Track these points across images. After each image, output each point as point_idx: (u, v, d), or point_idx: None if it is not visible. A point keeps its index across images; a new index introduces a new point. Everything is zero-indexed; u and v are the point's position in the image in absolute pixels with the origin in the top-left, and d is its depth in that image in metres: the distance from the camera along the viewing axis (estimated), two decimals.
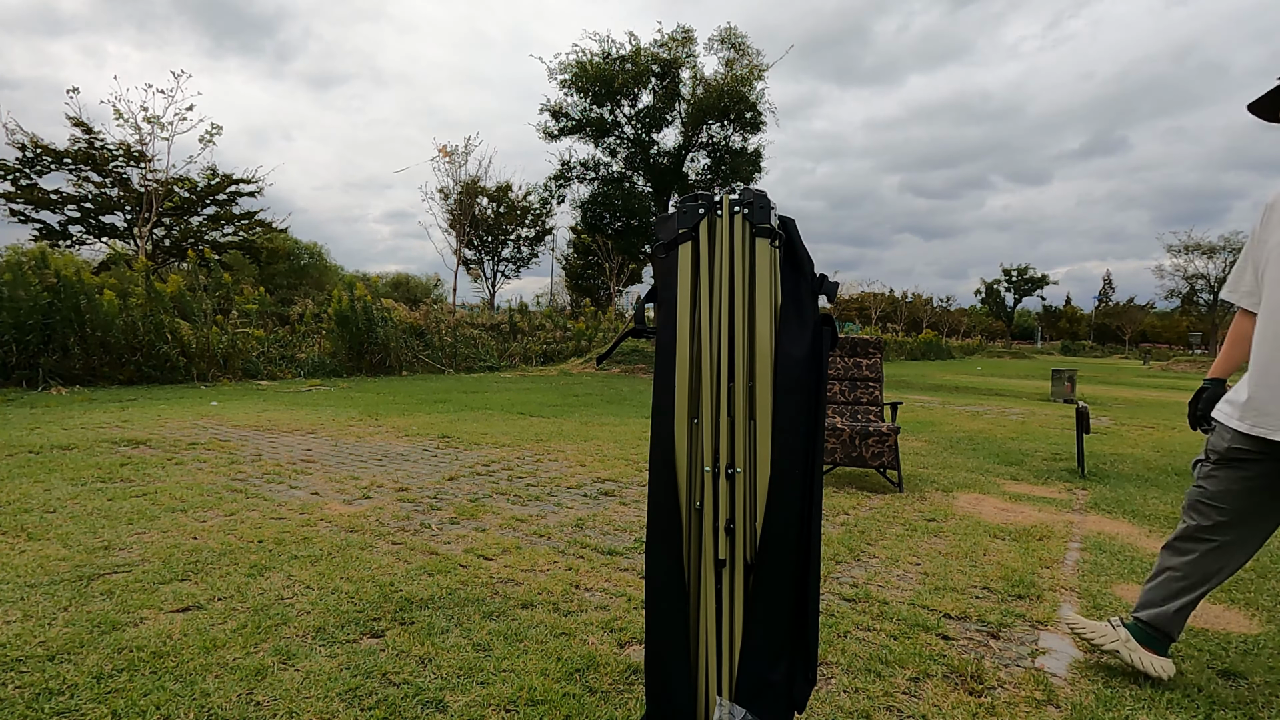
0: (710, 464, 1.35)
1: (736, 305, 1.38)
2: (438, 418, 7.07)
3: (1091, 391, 14.18)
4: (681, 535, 1.36)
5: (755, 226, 1.38)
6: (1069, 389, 11.83)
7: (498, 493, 3.98)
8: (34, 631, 2.04)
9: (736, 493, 1.35)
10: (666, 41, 21.65)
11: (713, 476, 1.35)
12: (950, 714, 1.80)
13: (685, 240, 1.41)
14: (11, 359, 8.65)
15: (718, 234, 1.41)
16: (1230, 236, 49.02)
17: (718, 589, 1.35)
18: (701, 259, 1.40)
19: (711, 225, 1.41)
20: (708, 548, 1.35)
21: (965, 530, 3.47)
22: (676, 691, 1.37)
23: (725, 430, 1.36)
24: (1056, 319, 77.94)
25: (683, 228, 1.41)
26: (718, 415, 1.37)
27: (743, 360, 1.37)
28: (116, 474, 4.05)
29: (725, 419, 1.36)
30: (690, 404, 1.39)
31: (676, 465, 1.37)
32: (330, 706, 1.72)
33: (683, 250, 1.41)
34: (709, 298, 1.39)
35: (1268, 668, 2.09)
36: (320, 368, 12.11)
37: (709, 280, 1.40)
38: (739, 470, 1.35)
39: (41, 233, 18.48)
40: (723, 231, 1.40)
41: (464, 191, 23.65)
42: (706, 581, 1.36)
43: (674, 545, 1.37)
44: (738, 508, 1.35)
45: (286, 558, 2.74)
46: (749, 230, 1.39)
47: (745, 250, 1.39)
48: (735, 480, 1.35)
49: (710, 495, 1.35)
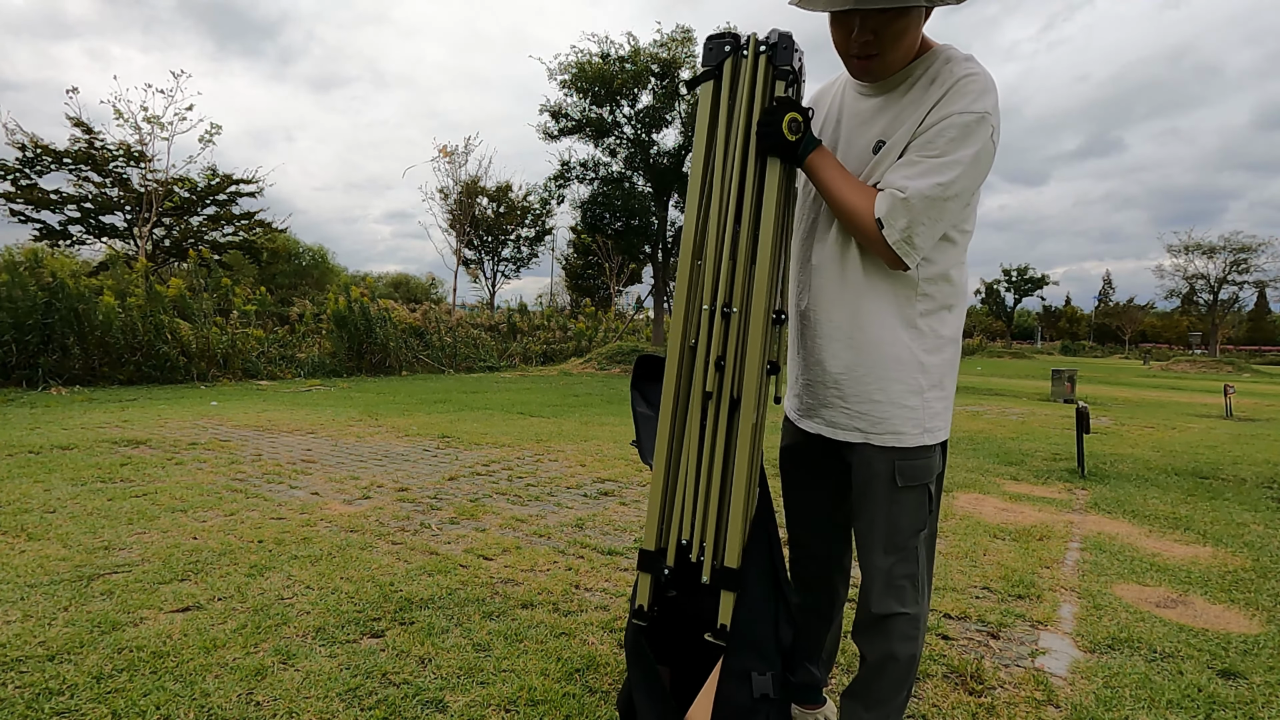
0: (708, 302, 1.36)
1: (751, 147, 1.35)
2: (438, 418, 7.07)
3: (1091, 391, 14.18)
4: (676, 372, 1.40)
5: (776, 68, 1.33)
6: (1069, 389, 11.82)
7: (498, 493, 3.98)
8: (34, 631, 2.04)
9: (731, 332, 1.36)
10: (666, 42, 21.65)
11: (709, 315, 1.36)
12: (950, 714, 1.80)
13: (708, 79, 1.39)
14: (11, 359, 8.65)
15: (741, 74, 1.38)
16: (1230, 236, 49.11)
17: (702, 421, 1.37)
18: (722, 98, 1.39)
19: (736, 65, 1.39)
20: (697, 383, 1.37)
21: (965, 530, 3.47)
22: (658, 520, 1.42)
23: (725, 271, 1.36)
24: (1056, 319, 77.95)
25: (707, 65, 1.40)
26: (719, 255, 1.36)
27: (750, 203, 1.35)
28: (116, 474, 4.05)
29: (727, 260, 1.36)
30: (696, 243, 1.40)
31: (675, 303, 1.40)
32: (330, 706, 1.72)
33: (704, 89, 1.39)
34: (724, 138, 1.38)
35: (1268, 668, 2.09)
36: (320, 368, 12.11)
37: (727, 120, 1.38)
38: (735, 310, 1.35)
39: (41, 233, 18.48)
40: (745, 72, 1.37)
41: (464, 191, 23.66)
42: (693, 415, 1.38)
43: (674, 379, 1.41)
44: (730, 346, 1.36)
45: (286, 558, 2.74)
46: (770, 72, 1.34)
47: (765, 91, 1.35)
48: (730, 320, 1.35)
49: (705, 333, 1.37)
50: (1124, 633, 2.30)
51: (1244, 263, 48.34)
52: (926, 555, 1.46)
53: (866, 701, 1.46)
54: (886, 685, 1.43)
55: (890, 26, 1.26)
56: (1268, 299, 62.12)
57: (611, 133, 22.79)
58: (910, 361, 1.37)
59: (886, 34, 1.27)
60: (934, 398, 1.39)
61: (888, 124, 1.34)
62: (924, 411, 1.38)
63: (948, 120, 1.24)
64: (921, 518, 1.41)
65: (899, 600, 1.40)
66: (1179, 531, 3.58)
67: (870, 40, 1.28)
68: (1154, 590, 2.74)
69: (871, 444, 1.39)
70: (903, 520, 1.40)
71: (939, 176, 1.23)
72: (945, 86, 1.27)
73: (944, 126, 1.24)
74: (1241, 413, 10.59)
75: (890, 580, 1.40)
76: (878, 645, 1.43)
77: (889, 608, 1.40)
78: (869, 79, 1.38)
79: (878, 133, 1.35)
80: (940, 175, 1.23)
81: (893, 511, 1.40)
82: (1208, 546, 3.35)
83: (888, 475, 1.39)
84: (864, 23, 1.27)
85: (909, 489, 1.39)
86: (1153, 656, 2.14)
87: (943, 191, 1.23)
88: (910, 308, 1.37)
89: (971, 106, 1.23)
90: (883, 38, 1.27)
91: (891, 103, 1.35)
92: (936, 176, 1.23)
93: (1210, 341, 50.97)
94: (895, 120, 1.33)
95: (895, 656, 1.41)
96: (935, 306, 1.38)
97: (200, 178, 19.56)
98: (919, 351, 1.37)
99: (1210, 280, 50.52)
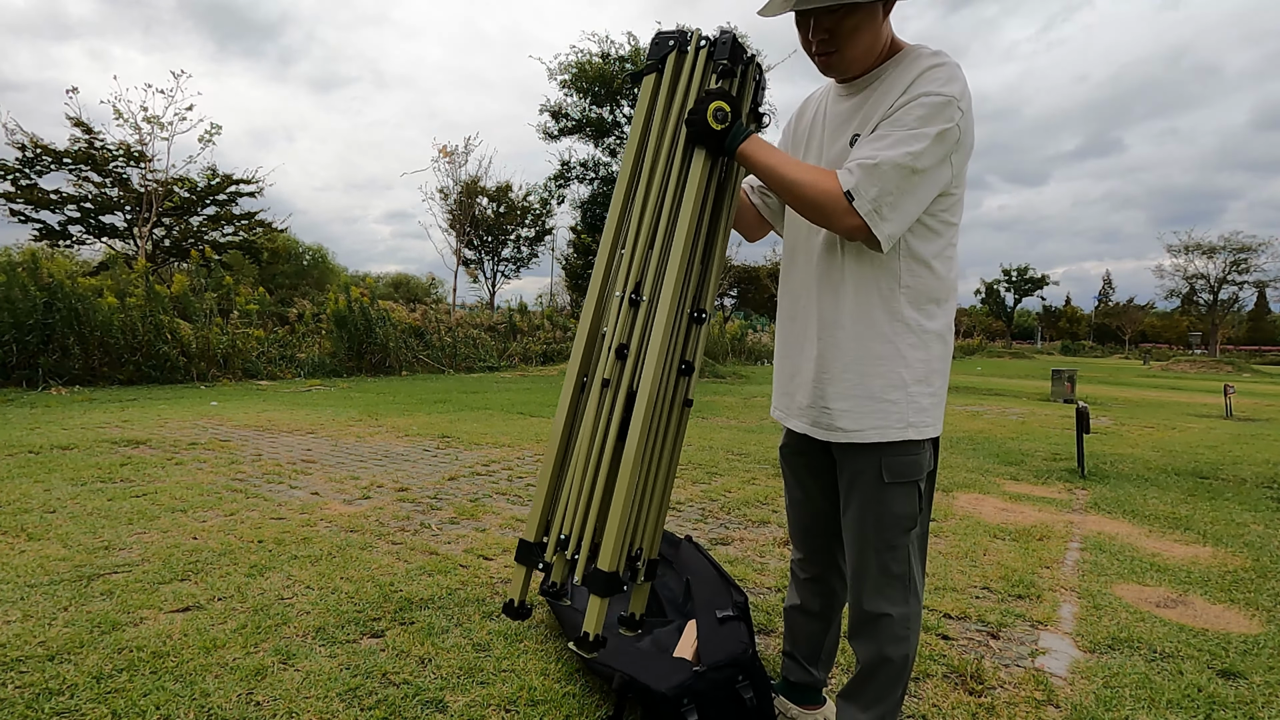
0: (620, 289, 1.37)
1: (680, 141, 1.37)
2: (438, 418, 7.07)
3: (1091, 391, 14.18)
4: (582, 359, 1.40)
5: (715, 63, 1.37)
6: (1069, 389, 11.82)
7: (498, 493, 3.98)
8: (34, 631, 2.04)
9: (637, 321, 1.35)
10: None
11: (618, 301, 1.36)
12: (950, 714, 1.80)
13: (650, 72, 1.43)
14: (11, 359, 8.65)
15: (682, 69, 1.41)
16: (1230, 236, 49.01)
17: (597, 411, 1.35)
18: (661, 91, 1.41)
19: (679, 60, 1.42)
20: (598, 370, 1.37)
21: (965, 530, 3.47)
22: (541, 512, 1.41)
23: (639, 259, 1.37)
24: (1056, 319, 77.93)
25: (651, 59, 1.43)
26: (636, 243, 1.37)
27: (672, 196, 1.36)
28: (116, 474, 4.05)
29: (642, 249, 1.37)
30: (617, 231, 1.42)
31: (590, 286, 1.40)
32: (330, 706, 1.72)
33: (646, 81, 1.43)
34: (658, 130, 1.40)
35: (1268, 668, 2.09)
36: (320, 368, 12.10)
37: (663, 112, 1.40)
38: (644, 299, 1.35)
39: (41, 233, 18.48)
40: (686, 68, 1.41)
41: (464, 191, 23.65)
42: (590, 403, 1.37)
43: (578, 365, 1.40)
44: (634, 335, 1.35)
45: (286, 558, 2.74)
46: (709, 66, 1.38)
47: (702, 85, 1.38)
48: (639, 308, 1.36)
49: (613, 319, 1.37)
50: (1124, 633, 2.30)
51: (1244, 263, 48.30)
52: (918, 554, 1.45)
53: (861, 702, 1.46)
54: (880, 685, 1.43)
55: (842, 24, 1.30)
56: (1268, 299, 62.14)
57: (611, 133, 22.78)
58: (891, 356, 1.36)
59: (840, 31, 1.31)
60: (919, 393, 1.37)
61: (861, 120, 1.36)
62: (908, 406, 1.37)
63: (915, 100, 1.26)
64: (911, 515, 1.40)
65: (889, 600, 1.40)
66: (1179, 531, 3.58)
67: (826, 38, 1.33)
68: (1154, 590, 2.74)
69: (854, 441, 1.39)
70: (890, 517, 1.39)
71: (909, 146, 1.23)
72: (912, 75, 1.30)
73: (912, 105, 1.26)
74: (1241, 413, 10.59)
75: (880, 579, 1.40)
76: (870, 646, 1.43)
77: (878, 607, 1.40)
78: (835, 75, 1.41)
79: (853, 130, 1.37)
80: (910, 145, 1.23)
81: (880, 508, 1.39)
82: (1208, 546, 3.35)
83: (874, 471, 1.38)
84: (817, 22, 1.31)
85: (896, 485, 1.38)
86: (1153, 656, 2.14)
87: (913, 161, 1.23)
88: (893, 301, 1.36)
89: (939, 89, 1.25)
90: (837, 35, 1.32)
91: (865, 101, 1.37)
92: (906, 146, 1.23)
93: (1210, 341, 50.95)
94: (868, 116, 1.35)
95: (888, 657, 1.41)
96: (919, 299, 1.37)
97: (200, 178, 19.55)
98: (902, 346, 1.36)
99: (1210, 280, 50.47)
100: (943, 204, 1.34)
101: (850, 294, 1.37)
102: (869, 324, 1.37)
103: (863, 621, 1.44)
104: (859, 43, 1.32)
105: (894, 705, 1.46)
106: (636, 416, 1.29)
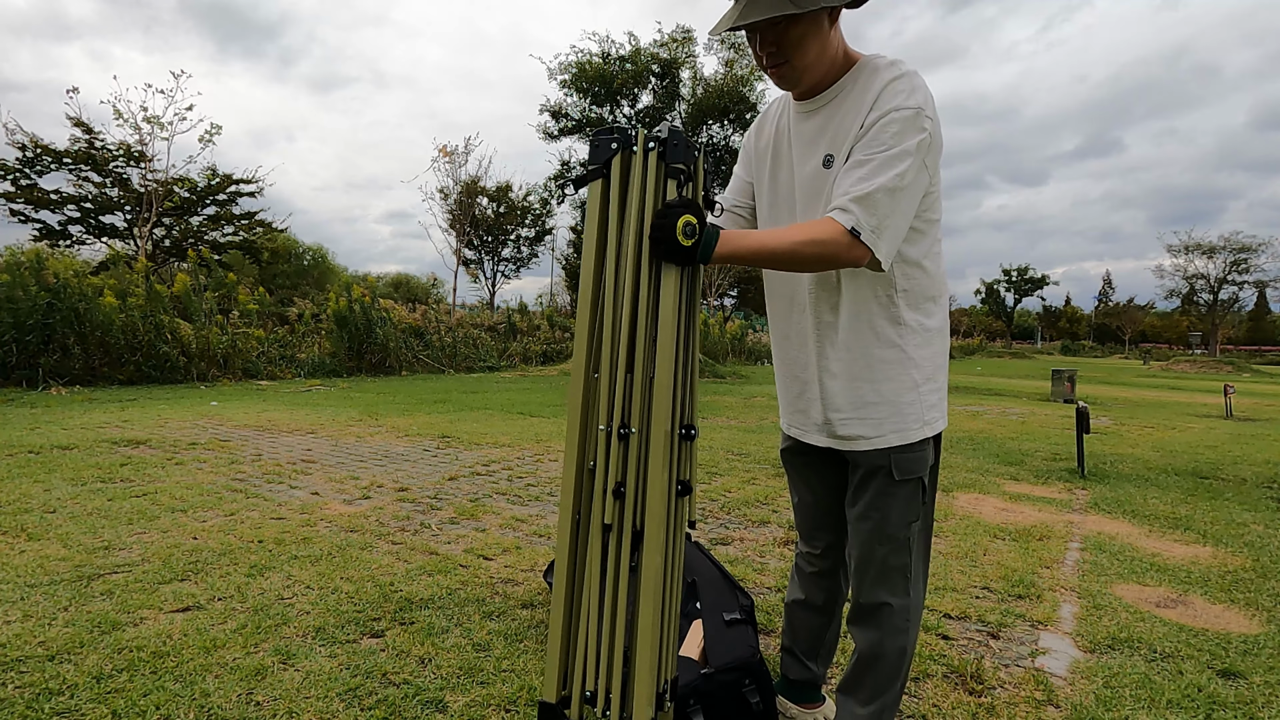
0: (605, 422, 1.26)
1: (645, 252, 1.26)
2: (438, 418, 7.07)
3: (1091, 391, 14.18)
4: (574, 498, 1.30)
5: (668, 166, 1.26)
6: (1069, 389, 11.82)
7: (498, 493, 3.98)
8: (34, 631, 2.04)
9: (630, 455, 1.25)
10: (666, 42, 21.66)
11: (605, 435, 1.26)
12: (950, 714, 1.80)
13: (595, 177, 1.30)
14: (11, 359, 8.65)
15: (631, 173, 1.28)
16: (1230, 236, 49.06)
17: (603, 557, 1.26)
18: (612, 199, 1.29)
19: (626, 163, 1.29)
20: (596, 513, 1.27)
21: (965, 530, 3.47)
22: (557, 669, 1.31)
23: (622, 387, 1.25)
24: (1056, 319, 77.95)
25: (593, 164, 1.30)
26: (614, 370, 1.26)
27: (646, 313, 1.25)
28: (116, 474, 4.05)
29: (623, 374, 1.25)
30: (590, 356, 1.30)
31: (569, 419, 1.29)
32: (330, 706, 1.72)
33: (591, 189, 1.31)
34: (616, 242, 1.29)
35: (1268, 668, 2.09)
36: (320, 368, 12.11)
37: (618, 224, 1.29)
38: (634, 431, 1.25)
39: (41, 233, 18.47)
40: (635, 170, 1.28)
41: (464, 191, 23.67)
42: (593, 549, 1.27)
43: (571, 508, 1.30)
44: (630, 471, 1.25)
45: (286, 558, 2.74)
46: (662, 170, 1.26)
47: (658, 192, 1.27)
48: (629, 441, 1.25)
49: (602, 456, 1.26)
50: (1124, 633, 2.30)
51: (1244, 263, 48.34)
52: (920, 547, 1.47)
53: (860, 696, 1.47)
54: (878, 679, 1.45)
55: (788, 34, 1.31)
56: (1268, 299, 62.12)
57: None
58: (899, 360, 1.39)
59: (786, 42, 1.32)
60: (928, 390, 1.41)
61: (831, 139, 1.37)
62: (921, 405, 1.40)
63: (886, 117, 1.27)
64: (915, 509, 1.43)
65: (890, 591, 1.43)
66: (1179, 531, 3.58)
67: (774, 50, 1.34)
68: (1154, 590, 2.74)
69: (876, 448, 1.41)
70: (895, 512, 1.42)
71: (894, 168, 1.25)
72: (876, 91, 1.30)
73: (885, 123, 1.27)
74: (1241, 413, 10.59)
75: (881, 571, 1.43)
76: (869, 634, 1.45)
77: (879, 597, 1.43)
78: (789, 87, 1.42)
79: (824, 148, 1.38)
80: (894, 166, 1.25)
81: (886, 503, 1.42)
82: (1208, 546, 3.35)
83: (885, 470, 1.40)
84: (762, 36, 1.33)
85: (904, 481, 1.41)
86: (1153, 656, 2.14)
87: (900, 181, 1.25)
88: (893, 306, 1.38)
89: (906, 103, 1.26)
90: (784, 46, 1.33)
91: (830, 118, 1.38)
92: (891, 169, 1.25)
93: (1210, 341, 50.96)
94: (838, 133, 1.36)
95: (886, 648, 1.43)
96: (917, 300, 1.40)
97: (200, 178, 19.55)
98: (908, 348, 1.39)
99: (1210, 280, 50.50)
100: (923, 204, 1.35)
101: (848, 307, 1.40)
102: (872, 333, 1.39)
103: (864, 611, 1.46)
104: (807, 52, 1.33)
105: (893, 700, 1.47)
106: (652, 559, 1.22)
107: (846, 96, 1.35)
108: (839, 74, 1.37)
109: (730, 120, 22.33)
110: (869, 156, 1.26)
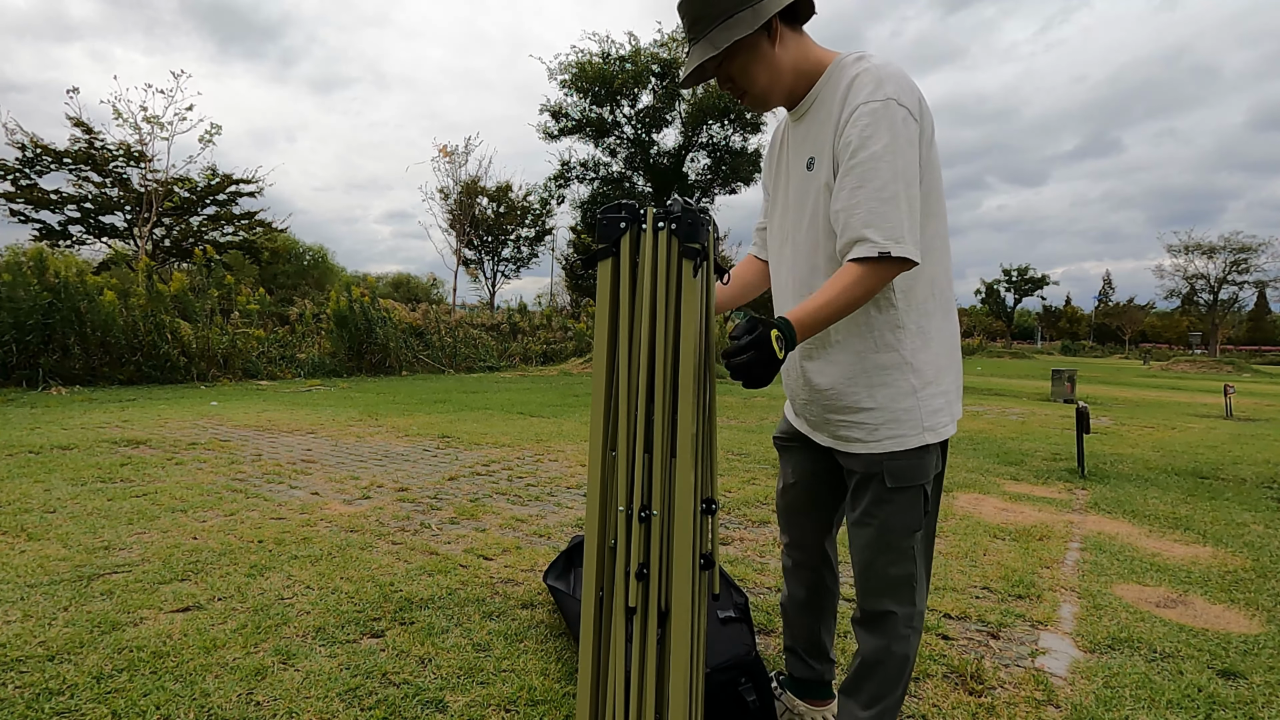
0: (624, 503, 1.22)
1: (659, 330, 1.23)
2: (438, 418, 7.07)
3: (1092, 391, 14.18)
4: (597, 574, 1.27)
5: (682, 245, 1.22)
6: (1069, 389, 11.82)
7: (498, 493, 3.98)
8: (34, 631, 2.04)
9: (652, 536, 1.22)
10: (666, 42, 21.65)
11: (625, 517, 1.22)
12: (950, 714, 1.80)
13: (604, 256, 1.27)
14: (11, 359, 8.65)
15: (642, 250, 1.25)
16: (1230, 236, 49.08)
17: (628, 640, 1.23)
18: (623, 278, 1.26)
19: (635, 240, 1.26)
20: (619, 595, 1.23)
21: (965, 530, 3.47)
22: None
23: (641, 468, 1.22)
24: (1056, 319, 77.96)
25: (602, 243, 1.27)
26: (632, 451, 1.22)
27: (664, 392, 1.22)
28: (116, 474, 4.05)
29: (641, 454, 1.22)
30: (606, 435, 1.27)
31: (588, 500, 1.27)
32: (330, 706, 1.72)
33: (601, 268, 1.27)
34: (629, 321, 1.26)
35: (1268, 668, 2.09)
36: (320, 368, 12.11)
37: (630, 301, 1.26)
38: (655, 513, 1.21)
39: (41, 233, 18.50)
40: (646, 248, 1.24)
41: (464, 191, 23.67)
42: (617, 632, 1.24)
43: (594, 588, 1.28)
44: (653, 552, 1.21)
45: (286, 558, 2.74)
46: (676, 248, 1.23)
47: (671, 271, 1.23)
48: (651, 523, 1.21)
49: (623, 538, 1.23)
50: (1124, 633, 2.30)
51: (1244, 263, 48.36)
52: (923, 555, 1.45)
53: (861, 699, 1.47)
54: (880, 683, 1.44)
55: (731, 67, 1.34)
56: (1268, 299, 62.12)
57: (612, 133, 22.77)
58: (897, 364, 1.36)
59: (733, 74, 1.35)
60: (929, 395, 1.37)
61: (813, 142, 1.38)
62: (920, 411, 1.37)
63: (855, 114, 1.27)
64: (916, 518, 1.40)
65: (894, 599, 1.42)
66: (1179, 531, 3.58)
67: (730, 86, 1.39)
68: (1154, 590, 2.74)
69: (871, 452, 1.39)
70: (895, 521, 1.39)
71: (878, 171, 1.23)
72: (843, 89, 1.31)
73: (853, 121, 1.27)
74: (1241, 413, 10.59)
75: (885, 579, 1.41)
76: (872, 641, 1.44)
77: (883, 605, 1.42)
78: (763, 109, 1.45)
79: (808, 152, 1.40)
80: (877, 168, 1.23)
81: (885, 510, 1.40)
82: (1208, 546, 3.35)
83: (879, 476, 1.39)
84: (716, 74, 1.36)
85: (902, 490, 1.38)
86: (1153, 656, 2.14)
87: (890, 179, 1.24)
88: (891, 308, 1.35)
89: (873, 95, 1.26)
90: (735, 80, 1.37)
91: (812, 123, 1.39)
92: (876, 173, 1.23)
93: (1210, 341, 50.96)
94: (819, 137, 1.36)
95: (890, 654, 1.42)
96: (916, 301, 1.36)
97: (200, 178, 19.57)
98: (906, 352, 1.36)
99: (1210, 280, 50.52)
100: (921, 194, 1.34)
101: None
102: (868, 338, 1.37)
103: (866, 619, 1.46)
104: (757, 77, 1.34)
105: (894, 704, 1.47)
106: (681, 640, 1.19)
107: (823, 101, 1.36)
108: (813, 80, 1.38)
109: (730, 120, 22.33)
110: (851, 167, 1.26)
